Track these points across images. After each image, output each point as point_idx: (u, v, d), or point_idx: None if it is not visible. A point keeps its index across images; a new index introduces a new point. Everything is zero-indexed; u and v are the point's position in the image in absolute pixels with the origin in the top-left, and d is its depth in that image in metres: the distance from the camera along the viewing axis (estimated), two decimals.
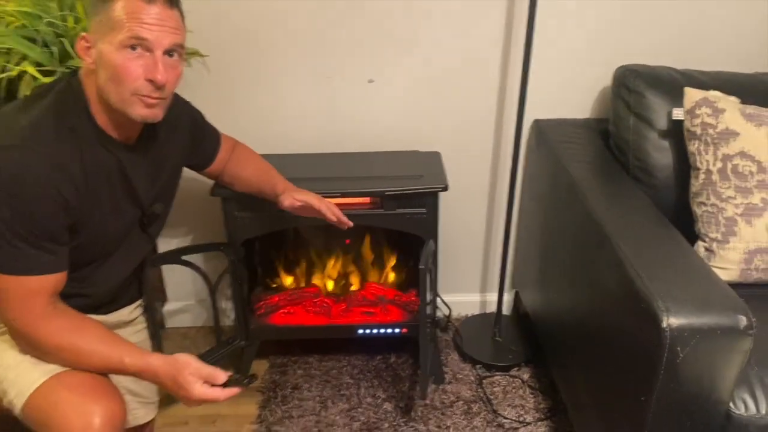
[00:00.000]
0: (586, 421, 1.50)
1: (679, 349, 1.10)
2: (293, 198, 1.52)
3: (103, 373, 1.23)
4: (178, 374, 1.16)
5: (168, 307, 2.13)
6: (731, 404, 1.18)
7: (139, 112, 1.18)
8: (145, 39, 1.13)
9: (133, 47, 1.13)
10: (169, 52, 1.16)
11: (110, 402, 1.19)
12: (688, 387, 1.14)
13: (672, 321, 1.09)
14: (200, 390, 1.15)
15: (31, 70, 1.44)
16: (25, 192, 1.09)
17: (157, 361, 1.18)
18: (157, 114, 1.20)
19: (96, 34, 1.14)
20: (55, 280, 1.18)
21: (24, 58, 1.49)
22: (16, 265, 1.13)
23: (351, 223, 1.56)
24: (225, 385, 1.17)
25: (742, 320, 1.10)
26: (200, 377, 1.16)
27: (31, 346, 1.20)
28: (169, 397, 1.31)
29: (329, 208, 1.54)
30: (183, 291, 2.11)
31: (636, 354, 1.21)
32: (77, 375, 1.21)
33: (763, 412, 1.18)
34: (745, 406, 1.18)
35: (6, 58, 1.50)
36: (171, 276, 2.08)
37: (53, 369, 1.21)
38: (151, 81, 1.15)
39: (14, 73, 1.45)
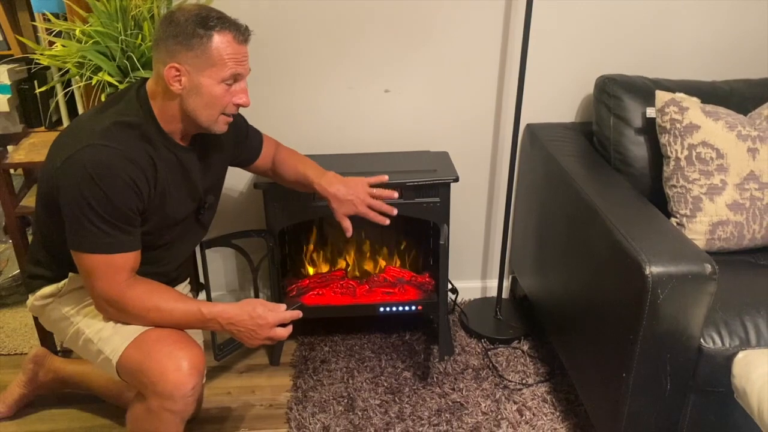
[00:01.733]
0: (583, 375, 1.75)
1: (659, 291, 1.36)
2: (325, 191, 1.68)
3: (185, 327, 1.45)
4: (251, 310, 1.41)
5: (201, 296, 2.35)
6: (702, 340, 1.44)
7: (222, 128, 1.44)
8: (241, 75, 1.39)
9: (230, 82, 1.38)
10: None
11: (193, 349, 1.40)
12: (667, 325, 1.41)
13: (653, 269, 1.36)
14: (274, 315, 1.42)
15: (109, 79, 1.69)
16: (105, 181, 1.29)
17: (229, 306, 1.42)
18: (228, 127, 1.46)
19: (190, 67, 1.33)
20: (134, 257, 1.38)
21: (97, 70, 1.74)
22: (103, 245, 1.33)
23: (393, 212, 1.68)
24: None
25: (708, 267, 1.37)
26: (270, 310, 1.43)
27: (120, 312, 1.40)
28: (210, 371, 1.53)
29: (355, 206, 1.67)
30: (216, 282, 2.33)
31: (624, 302, 1.47)
32: (161, 331, 1.42)
33: (728, 345, 1.44)
34: (713, 341, 1.44)
35: (80, 69, 1.75)
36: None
37: (139, 329, 1.41)
38: (238, 105, 1.41)
39: (94, 81, 1.70)
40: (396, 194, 1.68)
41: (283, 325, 1.46)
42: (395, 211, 1.67)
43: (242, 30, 1.37)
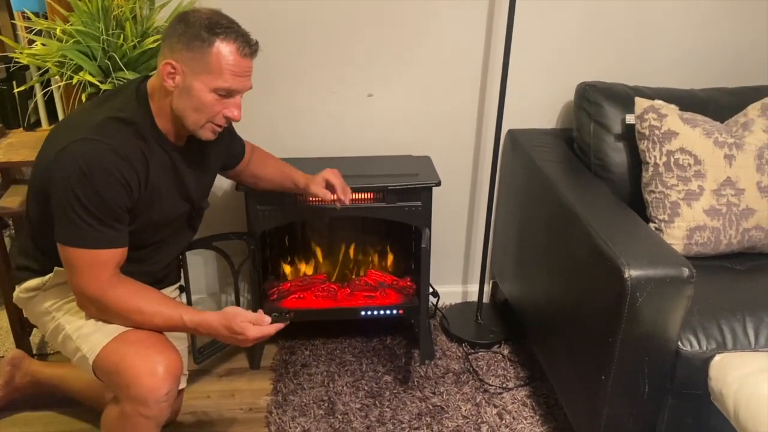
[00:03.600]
0: (563, 379, 1.76)
1: (638, 294, 1.38)
2: (318, 183, 1.74)
3: (166, 331, 1.44)
4: (231, 323, 1.37)
5: (182, 299, 2.33)
6: (679, 343, 1.46)
7: (207, 135, 1.42)
8: (236, 90, 1.37)
9: (222, 93, 1.36)
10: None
11: (170, 353, 1.39)
12: (645, 328, 1.43)
13: (632, 272, 1.38)
14: (254, 331, 1.37)
15: (90, 79, 1.68)
16: (96, 176, 1.29)
17: (211, 316, 1.40)
18: (216, 136, 1.45)
19: (186, 68, 1.33)
20: (120, 254, 1.37)
21: (78, 69, 1.73)
22: (88, 240, 1.32)
23: (347, 203, 1.76)
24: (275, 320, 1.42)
25: (685, 271, 1.40)
26: (250, 321, 1.38)
27: (100, 310, 1.39)
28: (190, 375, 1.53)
29: (341, 186, 1.76)
30: (197, 285, 2.31)
31: (603, 306, 1.49)
32: (140, 333, 1.41)
33: (705, 348, 1.46)
34: (690, 344, 1.47)
35: (60, 69, 1.73)
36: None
37: (119, 328, 1.40)
38: (227, 117, 1.40)
39: (74, 81, 1.68)
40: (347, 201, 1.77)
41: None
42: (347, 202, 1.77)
43: (249, 43, 1.36)
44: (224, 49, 1.32)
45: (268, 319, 1.40)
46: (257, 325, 1.39)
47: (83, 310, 1.42)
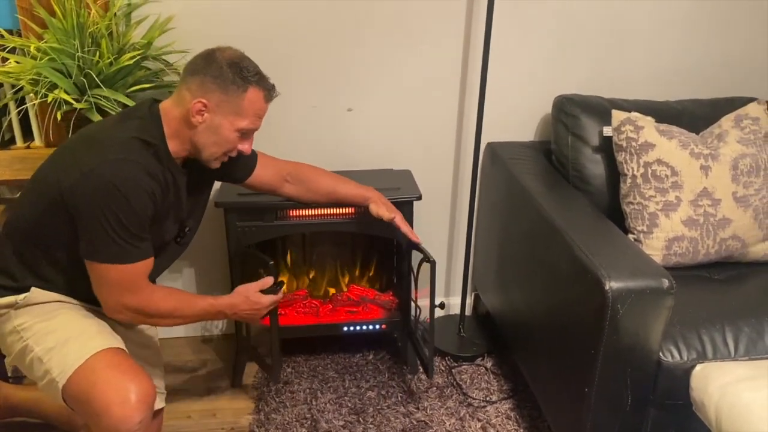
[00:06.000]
0: (546, 391, 1.77)
1: (619, 306, 1.39)
2: (377, 212, 1.82)
3: (200, 320, 1.62)
4: (249, 295, 1.60)
5: None
6: (661, 353, 1.47)
7: (216, 165, 1.52)
8: (255, 129, 1.49)
9: (244, 133, 1.47)
10: None
11: (143, 381, 1.36)
12: (627, 339, 1.43)
13: (613, 284, 1.39)
14: (266, 298, 1.62)
15: (66, 97, 1.65)
16: (131, 195, 1.33)
17: (230, 298, 1.60)
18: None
19: (217, 106, 1.41)
20: (152, 261, 1.44)
21: (53, 87, 1.71)
22: (131, 256, 1.37)
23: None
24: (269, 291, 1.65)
25: (666, 282, 1.41)
26: (258, 291, 1.62)
27: (148, 315, 1.46)
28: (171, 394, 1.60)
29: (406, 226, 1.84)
30: None
31: (585, 317, 1.49)
32: (113, 358, 1.38)
33: (686, 359, 1.47)
34: (671, 354, 1.47)
35: (35, 87, 1.71)
36: None
37: (91, 350, 1.37)
38: (240, 152, 1.51)
39: (50, 99, 1.66)
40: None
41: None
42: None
43: (272, 92, 1.49)
44: (255, 96, 1.44)
45: (270, 279, 1.65)
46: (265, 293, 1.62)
47: (120, 320, 1.47)
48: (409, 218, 1.95)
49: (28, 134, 2.02)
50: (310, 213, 1.90)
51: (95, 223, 1.32)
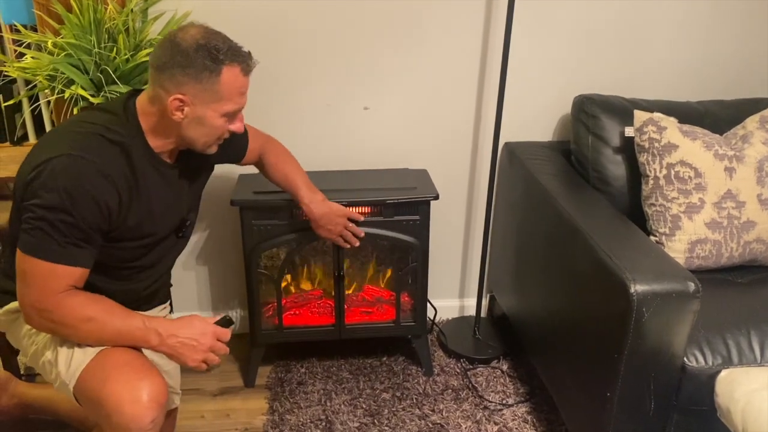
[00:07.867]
0: (565, 395, 1.74)
1: (644, 310, 1.36)
2: (311, 213, 1.78)
3: (122, 340, 1.34)
4: (196, 321, 1.36)
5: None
6: (685, 358, 1.45)
7: (214, 150, 1.45)
8: (241, 108, 1.40)
9: (231, 115, 1.38)
10: None
11: (155, 379, 1.31)
12: (651, 344, 1.41)
13: (638, 287, 1.36)
14: (217, 328, 1.37)
15: (83, 93, 1.64)
16: (73, 194, 1.23)
17: (171, 320, 1.37)
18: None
19: (195, 98, 1.31)
20: (79, 273, 1.29)
21: (69, 83, 1.69)
22: (48, 252, 1.25)
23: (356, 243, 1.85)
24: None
25: (692, 286, 1.38)
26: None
27: (54, 322, 1.29)
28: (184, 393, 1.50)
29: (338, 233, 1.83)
30: (188, 302, 2.27)
31: (608, 321, 1.47)
32: (122, 356, 1.33)
33: (711, 364, 1.45)
34: (696, 359, 1.45)
35: (51, 83, 1.69)
36: (174, 289, 2.24)
37: (97, 349, 1.33)
38: (233, 131, 1.42)
39: (66, 95, 1.64)
40: (361, 217, 1.88)
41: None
42: (362, 233, 1.88)
43: (249, 62, 1.36)
44: (231, 75, 1.33)
45: (214, 318, 1.41)
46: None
47: (29, 323, 1.33)
48: (425, 218, 1.93)
49: (41, 131, 2.00)
50: None
51: (32, 210, 1.24)
